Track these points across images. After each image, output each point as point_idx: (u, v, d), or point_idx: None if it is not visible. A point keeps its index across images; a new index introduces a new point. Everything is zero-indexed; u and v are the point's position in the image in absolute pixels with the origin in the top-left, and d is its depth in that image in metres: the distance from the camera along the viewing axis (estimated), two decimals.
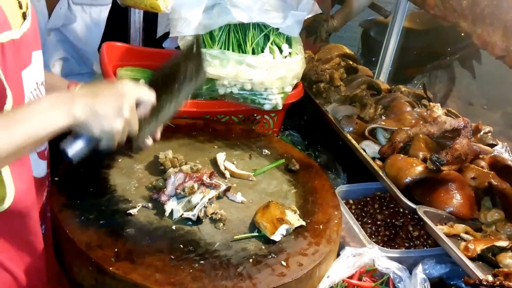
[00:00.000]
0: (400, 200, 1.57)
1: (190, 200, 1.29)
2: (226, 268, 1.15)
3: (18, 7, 1.04)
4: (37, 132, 0.94)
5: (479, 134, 1.97)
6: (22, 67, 1.04)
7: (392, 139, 1.78)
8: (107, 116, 1.02)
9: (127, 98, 1.06)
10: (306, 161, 1.65)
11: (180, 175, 1.33)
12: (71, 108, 0.98)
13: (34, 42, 1.11)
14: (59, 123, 0.97)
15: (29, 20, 1.07)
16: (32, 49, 1.10)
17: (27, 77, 1.06)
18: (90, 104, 1.00)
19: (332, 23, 2.98)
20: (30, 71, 1.08)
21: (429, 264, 1.42)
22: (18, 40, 1.00)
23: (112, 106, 1.03)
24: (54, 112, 0.96)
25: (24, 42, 1.03)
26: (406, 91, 2.34)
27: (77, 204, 1.27)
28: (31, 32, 1.08)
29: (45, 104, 0.97)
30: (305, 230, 1.32)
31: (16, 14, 1.03)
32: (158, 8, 1.80)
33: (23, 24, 1.04)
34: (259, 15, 1.84)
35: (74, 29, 2.06)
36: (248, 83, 1.76)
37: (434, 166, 1.55)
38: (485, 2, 1.62)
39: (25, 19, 1.05)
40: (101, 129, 1.02)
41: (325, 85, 2.23)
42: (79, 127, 1.01)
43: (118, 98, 1.04)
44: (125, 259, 1.13)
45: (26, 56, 1.06)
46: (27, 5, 1.08)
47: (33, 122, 0.94)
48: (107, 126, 1.02)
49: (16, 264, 1.13)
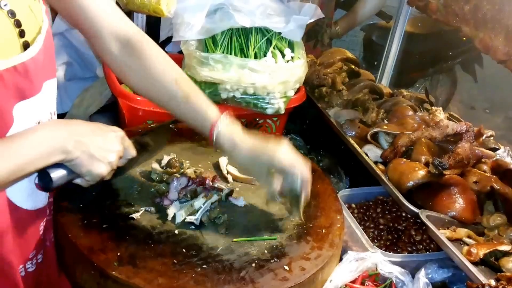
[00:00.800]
0: (403, 204, 1.57)
1: (192, 204, 1.29)
2: (228, 272, 1.15)
3: (18, 36, 0.98)
4: (28, 164, 0.95)
5: (481, 138, 1.97)
6: (16, 100, 1.00)
7: (395, 143, 1.78)
8: (99, 160, 1.06)
9: (119, 148, 1.12)
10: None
11: (183, 179, 1.33)
12: (66, 145, 1.00)
13: (44, 71, 1.08)
14: (52, 159, 0.99)
15: (35, 48, 1.02)
16: (42, 79, 1.07)
17: (25, 109, 1.02)
18: (86, 144, 1.03)
19: (335, 29, 2.98)
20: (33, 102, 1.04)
21: (432, 268, 1.42)
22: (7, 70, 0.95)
23: (106, 151, 1.08)
24: (49, 147, 0.98)
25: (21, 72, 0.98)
26: (408, 95, 2.34)
27: (79, 208, 1.27)
28: (39, 61, 1.04)
29: (39, 136, 0.98)
30: (307, 234, 1.32)
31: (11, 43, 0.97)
32: (161, 13, 1.81)
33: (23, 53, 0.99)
34: (262, 19, 1.85)
35: (78, 33, 2.05)
36: (251, 87, 1.76)
37: (436, 170, 1.55)
38: (487, 6, 1.63)
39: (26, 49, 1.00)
40: (88, 170, 1.06)
41: (327, 89, 2.24)
42: (68, 163, 1.03)
43: (113, 145, 1.10)
44: (127, 263, 1.13)
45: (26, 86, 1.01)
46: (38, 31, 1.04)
47: (25, 154, 0.95)
48: (96, 169, 1.06)
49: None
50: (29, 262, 1.20)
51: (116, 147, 1.11)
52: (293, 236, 1.31)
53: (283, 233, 1.31)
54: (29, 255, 1.20)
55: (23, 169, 0.95)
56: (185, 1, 1.87)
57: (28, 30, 1.01)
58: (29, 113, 1.04)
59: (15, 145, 0.95)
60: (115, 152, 1.10)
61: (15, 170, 0.94)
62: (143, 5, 1.82)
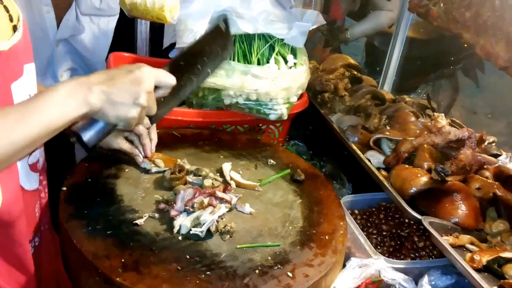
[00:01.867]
0: (406, 210, 1.57)
1: (198, 217, 1.28)
2: (232, 279, 1.15)
3: (9, 20, 1.05)
4: (53, 122, 0.94)
5: (483, 144, 1.98)
6: (12, 80, 1.04)
7: (397, 149, 1.79)
8: (124, 104, 1.01)
9: (145, 84, 1.04)
10: (311, 171, 1.66)
11: (190, 190, 1.32)
12: (87, 97, 0.97)
13: (26, 55, 1.11)
14: (76, 113, 0.96)
15: (20, 32, 1.08)
16: (23, 61, 1.10)
17: (18, 90, 1.06)
18: (107, 92, 0.99)
19: (345, 35, 3.14)
20: (21, 84, 1.08)
21: (435, 275, 1.42)
22: (6, 52, 1.01)
23: (129, 93, 1.01)
24: (70, 101, 0.95)
25: (13, 54, 1.03)
26: (410, 101, 2.35)
27: (84, 214, 1.28)
28: (22, 44, 1.09)
29: (61, 93, 0.95)
30: (310, 241, 1.33)
31: (6, 26, 1.04)
32: (165, 19, 1.82)
33: (13, 36, 1.04)
34: (264, 26, 1.86)
35: (82, 39, 2.08)
36: (254, 94, 1.77)
37: (439, 176, 1.55)
38: (488, 13, 1.63)
39: (15, 32, 1.06)
40: (117, 117, 1.01)
41: (330, 95, 2.24)
42: (95, 114, 1.00)
43: (136, 85, 1.03)
44: (132, 270, 1.13)
45: (16, 68, 1.06)
46: (18, 18, 1.09)
47: (49, 112, 0.93)
48: (124, 114, 1.01)
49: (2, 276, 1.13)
50: (31, 244, 1.22)
51: (142, 84, 1.03)
52: (296, 242, 1.31)
53: (286, 239, 1.32)
54: (30, 237, 1.21)
55: (49, 126, 0.93)
56: (188, 8, 1.88)
57: (13, 16, 1.06)
58: (20, 94, 1.07)
59: (39, 104, 0.94)
60: (142, 89, 1.03)
61: (41, 128, 0.93)
62: (147, 12, 1.82)
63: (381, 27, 3.33)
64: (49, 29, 1.99)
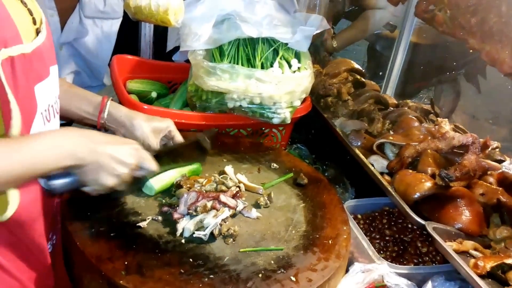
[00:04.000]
0: (409, 215, 1.57)
1: (202, 220, 1.28)
2: (235, 283, 1.15)
3: (32, 23, 1.06)
4: (39, 167, 0.97)
5: (487, 150, 1.97)
6: (36, 81, 1.06)
7: (401, 154, 1.78)
8: (107, 171, 1.07)
9: (132, 162, 1.12)
10: (314, 175, 1.66)
11: (193, 194, 1.32)
12: (78, 151, 1.01)
13: (50, 57, 1.13)
14: (62, 163, 1.00)
15: (43, 34, 1.09)
16: (49, 63, 1.12)
17: (42, 91, 1.08)
18: (96, 154, 1.04)
19: (331, 43, 2.88)
20: (46, 85, 1.09)
21: (439, 281, 1.41)
22: (29, 54, 1.02)
23: (117, 163, 1.08)
24: (61, 151, 1.00)
25: (37, 56, 1.05)
26: (413, 106, 2.34)
27: (87, 217, 1.28)
28: (46, 46, 1.10)
29: (54, 141, 1.00)
30: (314, 245, 1.32)
31: (29, 29, 1.05)
32: (169, 22, 1.83)
33: (36, 38, 1.06)
34: (268, 30, 1.86)
35: (85, 42, 2.09)
36: (257, 97, 1.77)
37: (443, 182, 1.55)
38: (494, 19, 1.63)
39: (38, 34, 1.07)
40: (95, 180, 1.07)
41: (333, 100, 2.24)
42: (77, 169, 1.04)
43: (126, 158, 1.10)
44: (135, 273, 1.13)
45: (41, 70, 1.08)
46: (41, 21, 1.10)
47: (38, 156, 0.97)
48: (103, 179, 1.07)
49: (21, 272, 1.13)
50: (49, 242, 1.24)
51: (129, 160, 1.12)
52: (300, 246, 1.31)
53: (289, 243, 1.31)
54: (49, 235, 1.22)
55: (34, 169, 0.97)
56: (192, 12, 1.89)
57: (36, 19, 1.08)
58: (44, 95, 1.09)
59: (31, 143, 0.97)
60: (127, 165, 1.11)
61: (26, 168, 0.96)
62: (151, 15, 1.83)
63: (376, 27, 3.09)
64: (53, 32, 1.99)
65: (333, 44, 2.89)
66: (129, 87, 2.00)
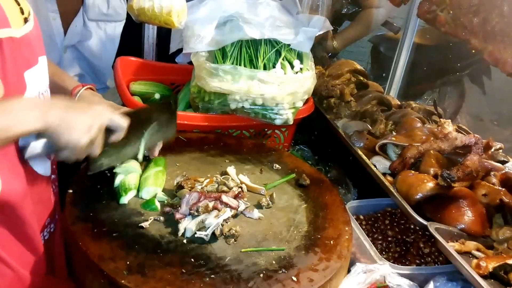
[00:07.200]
0: (411, 216, 1.56)
1: (203, 220, 1.28)
2: (236, 283, 1.15)
3: (20, 12, 1.09)
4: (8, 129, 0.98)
5: (490, 150, 1.97)
6: (25, 67, 1.08)
7: (403, 155, 1.78)
8: (77, 129, 1.06)
9: (100, 118, 1.12)
10: (316, 176, 1.66)
11: (195, 194, 1.32)
12: (46, 114, 1.02)
13: (39, 47, 1.16)
14: (31, 126, 1.01)
15: (31, 23, 1.12)
16: (38, 53, 1.14)
17: (32, 78, 1.10)
18: (65, 114, 1.05)
19: (331, 44, 2.87)
20: (35, 73, 1.12)
21: (441, 281, 1.41)
22: (18, 39, 1.05)
23: (84, 122, 1.08)
24: (29, 114, 1.00)
25: (26, 43, 1.08)
26: (416, 107, 2.34)
27: (90, 217, 1.29)
28: (35, 36, 1.13)
29: (23, 104, 1.02)
30: (315, 245, 1.32)
31: (17, 16, 1.08)
32: (172, 24, 1.84)
33: (24, 26, 1.09)
34: (271, 31, 1.86)
35: (89, 45, 2.10)
36: (260, 98, 1.77)
37: (445, 182, 1.55)
38: (496, 19, 1.63)
39: (26, 23, 1.10)
40: (67, 140, 1.06)
41: (336, 101, 2.24)
42: (48, 133, 1.04)
43: (92, 117, 1.10)
44: (136, 272, 1.14)
45: (30, 57, 1.11)
46: (29, 12, 1.13)
47: (6, 118, 0.98)
48: (74, 138, 1.06)
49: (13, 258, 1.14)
50: (46, 229, 1.24)
51: (98, 118, 1.11)
52: (301, 247, 1.31)
53: (291, 243, 1.31)
54: (45, 222, 1.23)
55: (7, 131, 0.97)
56: (195, 13, 1.90)
57: (24, 10, 1.11)
58: (34, 81, 1.11)
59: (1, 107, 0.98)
60: (96, 122, 1.10)
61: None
62: (155, 17, 1.84)
63: (375, 26, 3.07)
64: (56, 36, 2.01)
65: (333, 45, 2.90)
66: (132, 88, 2.01)
